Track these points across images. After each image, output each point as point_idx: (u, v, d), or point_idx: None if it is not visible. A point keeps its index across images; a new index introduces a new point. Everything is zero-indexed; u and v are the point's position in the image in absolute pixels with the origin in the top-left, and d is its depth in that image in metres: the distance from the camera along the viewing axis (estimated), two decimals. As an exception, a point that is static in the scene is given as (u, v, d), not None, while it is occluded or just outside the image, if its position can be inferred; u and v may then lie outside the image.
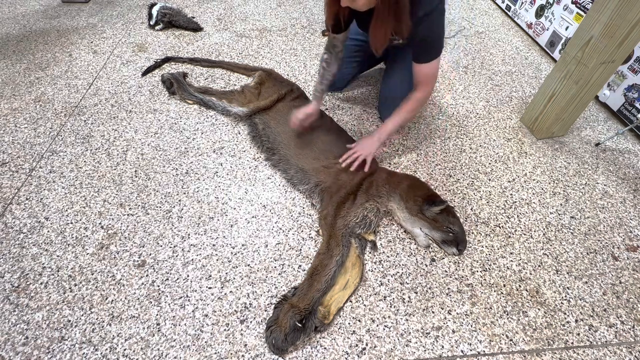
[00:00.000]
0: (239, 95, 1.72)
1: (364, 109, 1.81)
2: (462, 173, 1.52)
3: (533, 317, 1.09)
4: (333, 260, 1.13)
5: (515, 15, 2.61)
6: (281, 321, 1.00)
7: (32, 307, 1.06)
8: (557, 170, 1.56)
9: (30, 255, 1.18)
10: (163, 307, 1.07)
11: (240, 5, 2.70)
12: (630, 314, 1.12)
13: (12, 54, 2.07)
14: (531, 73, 2.14)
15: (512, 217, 1.37)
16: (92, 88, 1.85)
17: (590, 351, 1.03)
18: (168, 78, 1.81)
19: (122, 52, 2.13)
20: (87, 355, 0.97)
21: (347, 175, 1.35)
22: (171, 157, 1.52)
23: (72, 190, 1.37)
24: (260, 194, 1.39)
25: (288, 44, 2.27)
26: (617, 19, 1.28)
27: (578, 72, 1.46)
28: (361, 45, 1.67)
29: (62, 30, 2.31)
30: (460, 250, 1.21)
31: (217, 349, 0.99)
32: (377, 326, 1.05)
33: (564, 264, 1.24)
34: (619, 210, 1.42)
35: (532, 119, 1.73)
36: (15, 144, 1.55)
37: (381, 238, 1.28)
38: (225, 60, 2.07)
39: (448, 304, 1.11)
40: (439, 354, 1.00)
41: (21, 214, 1.29)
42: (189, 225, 1.28)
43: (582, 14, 1.99)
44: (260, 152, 1.54)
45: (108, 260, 1.17)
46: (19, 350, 0.97)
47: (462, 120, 1.79)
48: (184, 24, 2.32)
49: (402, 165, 1.54)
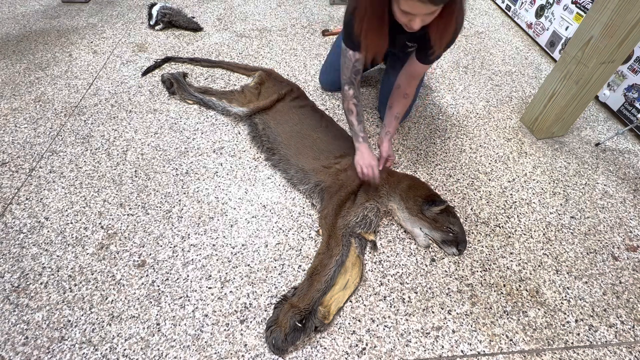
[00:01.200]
0: (239, 95, 1.72)
1: (363, 109, 1.81)
2: (462, 173, 1.52)
3: (533, 317, 1.09)
4: (333, 260, 1.13)
5: (515, 15, 2.61)
6: (281, 321, 1.00)
7: (32, 307, 1.06)
8: (557, 170, 1.56)
9: (30, 255, 1.18)
10: (163, 307, 1.07)
11: (240, 5, 2.70)
12: (630, 314, 1.12)
13: (12, 54, 2.07)
14: (531, 73, 2.14)
15: (512, 217, 1.37)
16: (92, 88, 1.85)
17: (590, 351, 1.03)
18: (168, 78, 1.81)
19: (122, 52, 2.13)
20: (87, 355, 0.97)
21: (347, 175, 1.35)
22: (171, 157, 1.52)
23: (72, 190, 1.37)
24: (260, 194, 1.39)
25: (288, 44, 2.27)
26: (617, 19, 1.28)
27: (578, 72, 1.46)
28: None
29: (62, 30, 2.31)
30: (460, 250, 1.21)
31: (217, 349, 0.99)
32: (377, 326, 1.05)
33: (564, 264, 1.24)
34: (619, 210, 1.42)
35: (532, 119, 1.73)
36: (15, 144, 1.55)
37: (381, 238, 1.28)
38: (225, 60, 2.07)
39: (448, 304, 1.11)
40: (439, 354, 1.00)
41: (21, 214, 1.29)
42: (189, 225, 1.28)
43: (582, 14, 1.99)
44: (260, 152, 1.54)
45: (108, 260, 1.17)
46: (19, 350, 0.97)
47: (462, 120, 1.79)
48: (184, 24, 2.32)
49: (402, 165, 1.54)
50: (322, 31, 2.38)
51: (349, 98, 1.30)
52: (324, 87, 1.89)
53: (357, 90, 1.29)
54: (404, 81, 1.36)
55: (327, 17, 2.59)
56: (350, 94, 1.29)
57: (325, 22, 2.53)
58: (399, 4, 0.96)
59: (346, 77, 1.28)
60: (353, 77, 1.27)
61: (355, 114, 1.31)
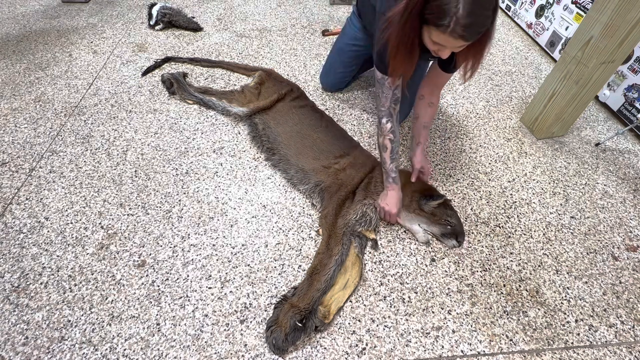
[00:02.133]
0: (239, 95, 1.72)
1: (364, 109, 1.81)
2: (462, 173, 1.52)
3: (533, 317, 1.09)
4: (332, 259, 1.13)
5: (515, 15, 2.61)
6: (281, 321, 1.00)
7: (32, 307, 1.06)
8: (557, 170, 1.56)
9: (30, 255, 1.18)
10: (163, 307, 1.07)
11: (240, 5, 2.70)
12: (630, 314, 1.12)
13: (12, 54, 2.07)
14: (531, 73, 2.14)
15: (512, 217, 1.37)
16: (92, 88, 1.85)
17: (590, 351, 1.03)
18: (168, 78, 1.81)
19: (122, 52, 2.12)
20: (87, 355, 0.97)
21: (347, 175, 1.35)
22: (171, 157, 1.52)
23: (72, 190, 1.37)
24: (260, 194, 1.39)
25: (288, 44, 2.27)
26: (617, 19, 1.28)
27: (578, 72, 1.46)
28: (360, 51, 1.67)
29: (62, 30, 2.31)
30: (459, 242, 1.22)
31: (217, 349, 0.99)
32: (377, 326, 1.05)
33: (564, 264, 1.24)
34: (619, 210, 1.42)
35: (532, 119, 1.73)
36: (15, 144, 1.55)
37: (381, 238, 1.28)
38: (225, 60, 2.07)
39: (448, 304, 1.11)
40: (439, 354, 1.00)
41: (21, 214, 1.29)
42: (189, 225, 1.28)
43: (582, 14, 1.99)
44: (260, 152, 1.54)
45: (108, 260, 1.17)
46: (19, 350, 0.97)
47: (462, 120, 1.79)
48: (184, 24, 2.32)
49: (402, 165, 1.54)
50: (322, 31, 2.38)
51: (385, 133, 1.18)
52: (324, 88, 1.89)
53: (395, 124, 1.19)
54: (427, 91, 1.32)
55: (327, 17, 2.59)
56: (387, 128, 1.18)
57: (325, 22, 2.53)
58: (430, 34, 0.92)
59: (385, 108, 1.17)
60: (392, 106, 1.17)
61: (390, 152, 1.20)
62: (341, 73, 1.78)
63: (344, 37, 1.68)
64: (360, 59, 1.72)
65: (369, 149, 1.57)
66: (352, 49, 1.67)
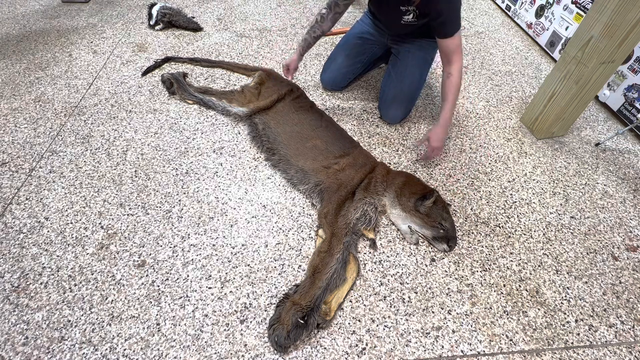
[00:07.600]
0: (239, 95, 1.72)
1: (364, 109, 1.81)
2: (462, 173, 1.52)
3: (533, 317, 1.09)
4: (334, 258, 1.13)
5: (515, 15, 2.61)
6: (283, 319, 1.00)
7: (32, 307, 1.06)
8: (557, 170, 1.56)
9: (30, 255, 1.18)
10: (163, 307, 1.07)
11: (240, 5, 2.70)
12: (630, 314, 1.12)
13: (12, 54, 2.07)
14: (531, 73, 2.14)
15: (512, 217, 1.37)
16: (92, 88, 1.85)
17: (590, 351, 1.03)
18: (168, 78, 1.81)
19: (122, 52, 2.12)
20: (87, 355, 0.97)
21: (347, 175, 1.35)
22: (171, 157, 1.52)
23: (72, 190, 1.37)
24: (260, 194, 1.39)
25: (288, 44, 2.27)
26: (617, 19, 1.28)
27: (578, 72, 1.46)
28: (366, 45, 1.67)
29: (62, 30, 2.31)
30: (450, 246, 1.22)
31: (217, 349, 0.99)
32: (377, 326, 1.05)
33: (564, 264, 1.24)
34: (619, 210, 1.42)
35: (532, 119, 1.73)
36: (15, 144, 1.55)
37: (381, 238, 1.28)
38: (225, 60, 2.07)
39: (448, 304, 1.11)
40: (439, 354, 1.00)
41: (21, 214, 1.29)
42: (189, 225, 1.28)
43: (582, 14, 1.99)
44: (260, 152, 1.54)
45: (108, 260, 1.17)
46: (19, 350, 0.97)
47: (462, 120, 1.79)
48: (184, 24, 2.32)
49: (402, 165, 1.54)
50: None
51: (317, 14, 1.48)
52: (325, 86, 1.89)
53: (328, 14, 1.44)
54: (444, 63, 1.42)
55: (327, 17, 2.59)
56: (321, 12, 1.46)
57: (325, 22, 2.52)
58: None
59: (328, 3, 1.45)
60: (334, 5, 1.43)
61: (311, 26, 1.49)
62: (344, 68, 1.77)
63: (350, 32, 1.71)
64: (366, 55, 1.72)
65: (369, 149, 1.57)
66: (358, 42, 1.67)
